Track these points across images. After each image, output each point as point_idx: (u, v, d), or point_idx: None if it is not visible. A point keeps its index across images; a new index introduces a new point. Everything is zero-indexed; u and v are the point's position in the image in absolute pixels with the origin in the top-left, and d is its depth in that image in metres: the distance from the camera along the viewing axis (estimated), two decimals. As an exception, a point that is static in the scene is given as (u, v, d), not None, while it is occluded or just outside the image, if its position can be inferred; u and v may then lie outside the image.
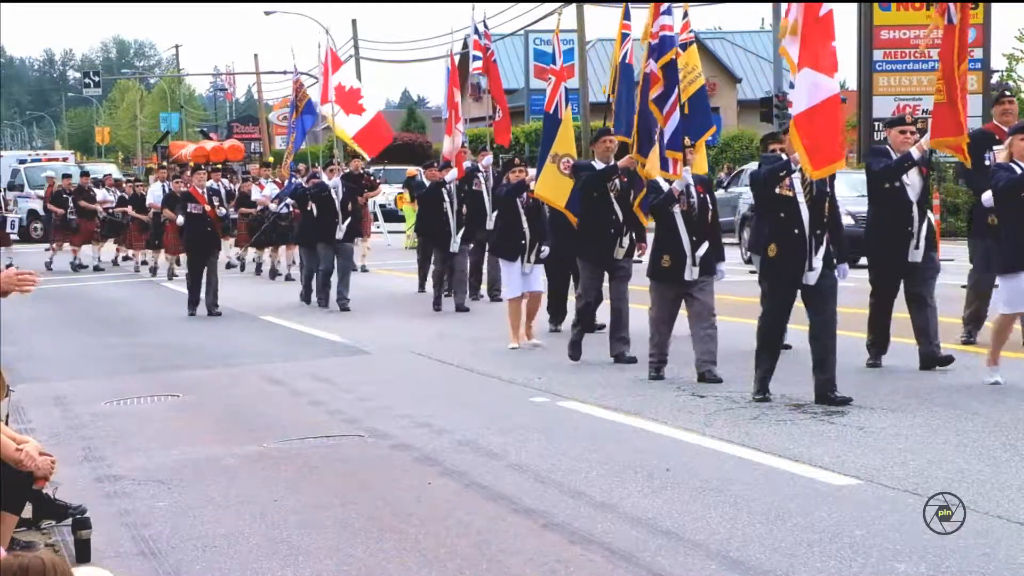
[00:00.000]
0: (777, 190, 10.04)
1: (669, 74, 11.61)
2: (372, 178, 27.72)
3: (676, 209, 11.27)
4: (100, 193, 29.69)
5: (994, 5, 37.15)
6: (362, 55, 61.32)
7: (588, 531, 6.85)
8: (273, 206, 23.77)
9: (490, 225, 18.06)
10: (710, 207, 11.50)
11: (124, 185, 31.09)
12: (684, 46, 12.03)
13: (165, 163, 33.22)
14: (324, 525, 7.20)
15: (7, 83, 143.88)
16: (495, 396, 11.25)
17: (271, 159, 34.17)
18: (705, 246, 11.33)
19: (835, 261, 10.24)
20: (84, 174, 31.06)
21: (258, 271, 25.70)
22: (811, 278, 10.00)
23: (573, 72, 49.93)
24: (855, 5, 37.65)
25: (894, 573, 6.03)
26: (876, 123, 37.40)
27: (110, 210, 28.56)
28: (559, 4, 44.78)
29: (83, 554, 6.70)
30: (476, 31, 19.26)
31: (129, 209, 27.51)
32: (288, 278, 23.72)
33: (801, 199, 9.97)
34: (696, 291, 11.37)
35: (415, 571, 6.36)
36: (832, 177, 10.17)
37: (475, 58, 19.59)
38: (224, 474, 8.56)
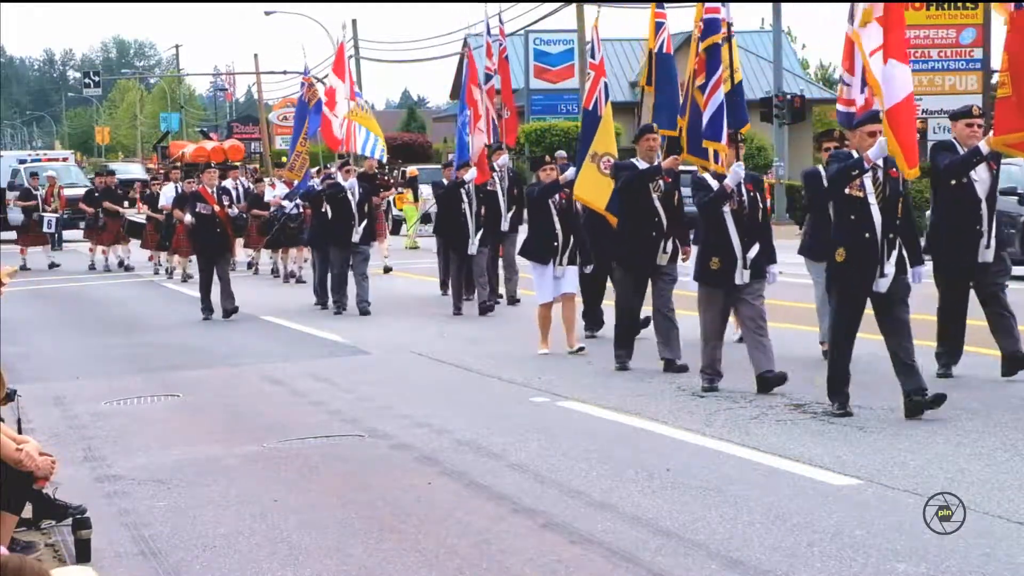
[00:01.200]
0: (847, 190, 9.38)
1: (711, 58, 11.03)
2: (387, 178, 27.33)
3: (726, 208, 10.65)
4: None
5: (993, 6, 37.14)
6: (362, 55, 61.32)
7: (588, 531, 6.85)
8: (287, 204, 23.19)
9: (505, 226, 17.67)
10: (760, 206, 10.86)
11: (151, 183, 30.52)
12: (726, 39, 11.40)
13: (178, 164, 32.70)
14: (324, 525, 7.20)
15: (7, 83, 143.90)
16: (495, 396, 11.24)
17: (284, 159, 33.83)
18: (756, 248, 10.69)
19: (908, 265, 9.58)
20: (110, 173, 30.50)
21: (274, 273, 25.13)
22: (882, 285, 9.37)
23: (572, 72, 49.99)
24: (855, 5, 37.64)
25: (894, 573, 6.03)
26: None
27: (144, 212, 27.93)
28: (559, 4, 44.78)
29: (83, 554, 6.71)
30: (488, 27, 18.54)
31: (146, 208, 27.08)
32: (293, 280, 23.31)
33: (872, 200, 9.32)
34: (747, 296, 10.75)
35: (415, 571, 6.36)
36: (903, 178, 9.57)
37: (484, 48, 18.98)
38: (224, 474, 8.56)
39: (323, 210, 18.22)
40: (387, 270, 23.89)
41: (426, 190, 35.38)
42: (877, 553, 6.28)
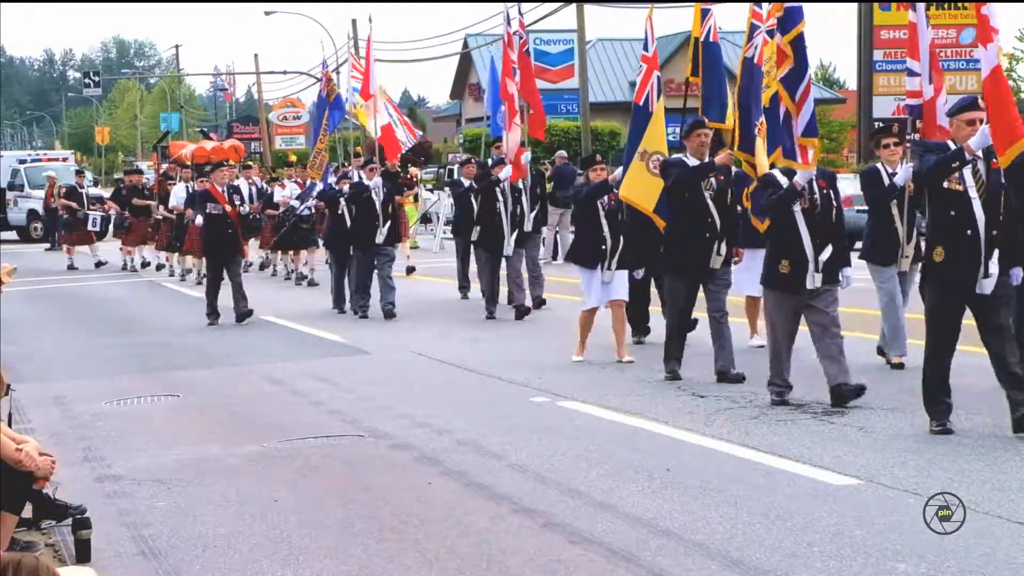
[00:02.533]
0: (945, 184, 8.68)
1: (799, 49, 10.13)
2: (410, 177, 26.91)
3: (796, 208, 9.96)
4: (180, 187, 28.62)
5: (993, 5, 37.21)
6: (362, 55, 61.27)
7: (588, 531, 6.85)
8: (296, 204, 22.73)
9: (528, 227, 17.16)
10: (834, 205, 10.12)
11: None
12: (770, 34, 10.83)
13: (189, 163, 32.15)
14: (324, 525, 7.20)
15: (7, 83, 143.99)
16: (495, 396, 11.24)
17: (294, 157, 33.38)
18: (829, 250, 9.97)
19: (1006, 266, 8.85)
20: (137, 171, 29.77)
21: (274, 273, 24.92)
22: (986, 286, 8.67)
23: (572, 72, 50.02)
24: (855, 5, 37.70)
25: (894, 573, 6.03)
26: (876, 123, 37.47)
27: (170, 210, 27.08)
28: (559, 4, 44.78)
29: (83, 554, 6.71)
30: (508, 18, 17.60)
31: (161, 209, 26.26)
32: (305, 282, 22.91)
33: (973, 194, 8.65)
34: (819, 302, 10.02)
35: (415, 571, 6.36)
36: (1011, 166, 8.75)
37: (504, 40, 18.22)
38: (224, 474, 8.56)
39: (339, 211, 17.62)
40: (410, 271, 23.55)
41: (431, 192, 35.41)
42: (877, 553, 6.28)
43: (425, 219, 36.19)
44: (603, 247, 12.49)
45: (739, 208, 11.81)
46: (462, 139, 56.51)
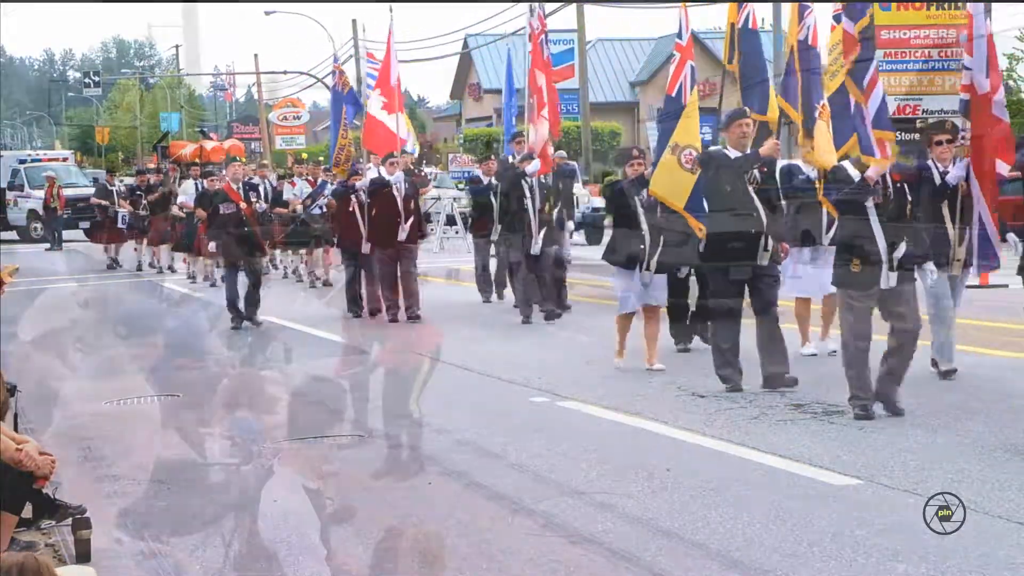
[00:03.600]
0: None
1: (865, 37, 9.72)
2: (424, 175, 26.56)
3: (869, 203, 9.43)
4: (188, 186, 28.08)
5: (994, 5, 37.17)
6: (363, 55, 61.27)
7: (588, 531, 6.85)
8: (308, 203, 22.41)
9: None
10: (908, 199, 9.63)
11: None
12: (836, 19, 10.36)
13: (197, 161, 31.72)
14: (324, 525, 7.20)
15: (7, 83, 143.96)
16: (495, 396, 11.24)
17: (305, 155, 33.10)
18: (903, 247, 9.45)
19: None
20: (157, 171, 29.08)
21: (286, 276, 24.45)
22: None
23: (572, 72, 49.99)
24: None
25: (894, 573, 6.03)
26: (876, 123, 37.42)
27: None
28: (559, 4, 44.76)
29: (83, 554, 6.71)
30: (532, 14, 17.17)
31: (174, 208, 25.64)
32: (320, 283, 22.49)
33: None
34: (895, 304, 9.50)
35: (415, 571, 6.36)
36: None
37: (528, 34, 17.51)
38: (224, 474, 8.56)
39: (350, 209, 17.06)
40: None
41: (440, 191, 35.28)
42: (877, 553, 6.29)
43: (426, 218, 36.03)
44: (641, 246, 11.83)
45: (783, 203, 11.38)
46: (462, 139, 56.51)
